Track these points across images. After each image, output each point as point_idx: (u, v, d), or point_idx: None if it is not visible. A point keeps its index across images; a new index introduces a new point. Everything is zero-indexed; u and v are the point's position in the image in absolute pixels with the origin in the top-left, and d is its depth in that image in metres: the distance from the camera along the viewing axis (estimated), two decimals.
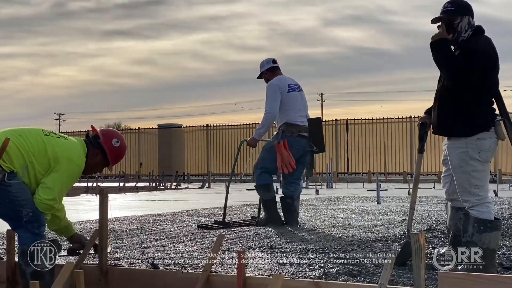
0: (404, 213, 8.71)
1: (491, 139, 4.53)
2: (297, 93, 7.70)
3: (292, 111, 7.59)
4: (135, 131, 33.04)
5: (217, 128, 30.58)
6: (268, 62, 7.84)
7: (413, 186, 5.11)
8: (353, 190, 16.33)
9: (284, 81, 7.67)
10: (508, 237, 6.20)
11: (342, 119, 27.70)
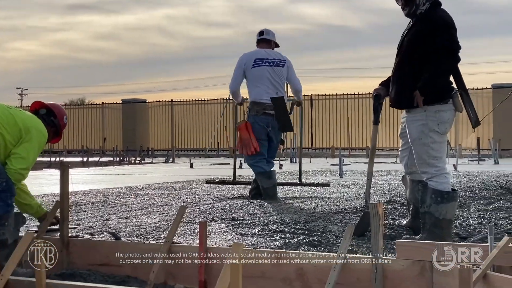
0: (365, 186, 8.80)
1: (449, 111, 4.60)
2: (266, 67, 7.40)
3: (258, 88, 7.39)
4: (99, 106, 32.74)
5: (182, 104, 30.45)
6: (258, 35, 7.65)
7: (370, 157, 5.17)
8: (317, 165, 16.46)
9: (252, 55, 7.46)
10: (465, 209, 6.33)
11: (307, 94, 27.78)
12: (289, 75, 7.57)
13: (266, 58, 7.46)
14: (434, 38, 4.49)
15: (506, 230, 5.19)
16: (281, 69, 7.48)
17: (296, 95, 7.91)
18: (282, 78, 7.51)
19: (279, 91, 7.48)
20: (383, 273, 3.38)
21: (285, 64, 7.52)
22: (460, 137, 23.00)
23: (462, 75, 4.66)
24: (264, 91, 7.39)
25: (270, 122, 7.39)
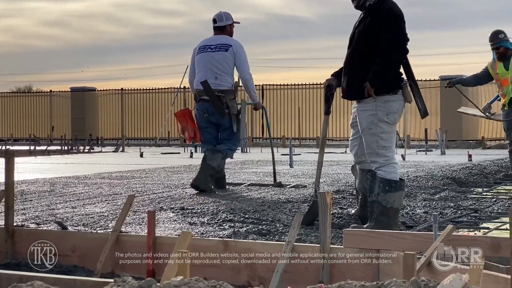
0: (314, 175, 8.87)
1: (399, 102, 4.67)
2: (207, 53, 7.15)
3: (198, 74, 7.19)
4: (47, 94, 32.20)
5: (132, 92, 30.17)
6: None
7: (320, 147, 5.21)
8: (267, 155, 16.49)
9: (201, 43, 7.29)
10: (412, 198, 6.44)
11: (258, 84, 27.80)
12: (236, 62, 7.18)
13: (210, 44, 7.22)
14: (383, 30, 4.54)
15: (450, 219, 5.30)
16: (223, 53, 7.12)
17: (244, 85, 7.39)
18: (224, 64, 7.13)
19: (220, 76, 7.10)
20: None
21: (229, 49, 7.14)
22: (409, 128, 23.35)
23: (412, 66, 4.73)
24: (201, 76, 7.13)
25: (206, 108, 7.11)
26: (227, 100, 7.09)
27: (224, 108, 7.07)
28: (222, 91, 7.09)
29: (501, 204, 6.16)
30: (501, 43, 8.50)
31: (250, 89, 7.35)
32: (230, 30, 7.35)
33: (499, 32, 8.53)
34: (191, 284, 1.66)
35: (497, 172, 9.30)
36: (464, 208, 5.90)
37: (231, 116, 7.12)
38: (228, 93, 7.13)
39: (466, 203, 6.20)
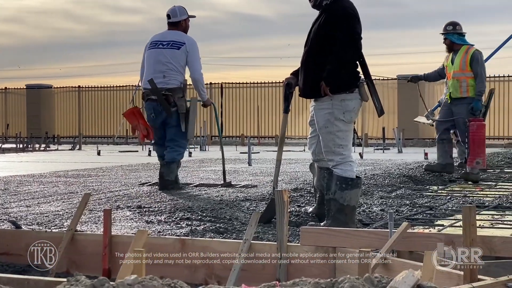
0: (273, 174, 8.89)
1: (355, 100, 4.70)
2: (157, 50, 6.94)
3: (146, 72, 7.00)
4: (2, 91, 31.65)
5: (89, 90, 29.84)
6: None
7: (279, 145, 5.22)
8: (226, 153, 16.44)
9: (153, 38, 7.08)
10: (369, 196, 6.49)
11: (217, 82, 27.75)
12: (188, 60, 6.96)
13: (162, 40, 7.00)
14: (336, 29, 4.57)
15: (406, 216, 5.36)
16: (174, 51, 6.89)
17: (194, 84, 7.12)
18: (175, 62, 6.88)
19: (168, 75, 6.89)
20: (287, 259, 3.42)
21: (181, 47, 6.92)
22: (367, 126, 23.57)
23: (369, 65, 4.77)
24: (150, 74, 6.93)
25: (154, 107, 6.92)
26: (175, 99, 6.90)
27: (172, 107, 6.88)
28: (170, 90, 6.89)
29: (455, 201, 6.24)
30: (447, 35, 8.51)
31: (200, 88, 7.17)
32: (185, 26, 7.14)
33: (448, 24, 8.53)
34: (145, 283, 1.65)
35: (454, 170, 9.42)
36: (420, 205, 5.97)
37: (179, 114, 6.94)
38: (176, 92, 6.94)
39: (421, 201, 6.28)
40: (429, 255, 2.51)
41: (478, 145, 8.07)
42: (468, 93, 8.39)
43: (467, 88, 8.38)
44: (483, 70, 8.41)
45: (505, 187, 7.56)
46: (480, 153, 8.08)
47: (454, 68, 8.43)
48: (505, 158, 12.06)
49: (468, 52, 8.41)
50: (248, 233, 3.50)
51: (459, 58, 8.39)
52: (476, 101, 8.32)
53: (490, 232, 4.53)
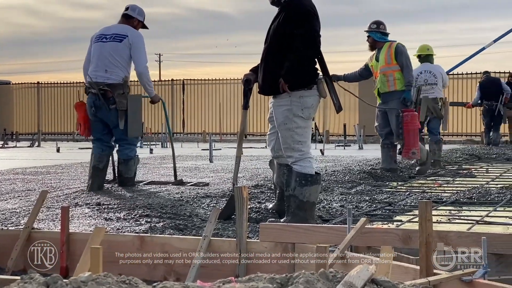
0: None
1: (313, 97, 4.73)
2: (102, 44, 6.72)
3: (91, 66, 6.76)
4: None
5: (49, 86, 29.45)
6: None
7: (238, 141, 5.22)
8: (188, 150, 16.44)
9: (99, 31, 6.86)
10: (329, 192, 6.53)
11: (178, 79, 27.66)
12: (132, 53, 6.71)
13: (106, 34, 6.79)
14: (295, 26, 4.59)
15: (366, 212, 5.40)
16: (116, 44, 6.68)
17: (139, 78, 6.87)
18: (117, 56, 6.67)
19: (110, 69, 6.65)
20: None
21: (124, 40, 6.70)
22: (328, 123, 23.71)
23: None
24: (92, 69, 6.68)
25: (94, 101, 6.69)
26: (114, 95, 6.66)
27: (111, 103, 6.66)
28: (110, 85, 6.66)
29: (414, 197, 6.32)
30: (370, 33, 8.47)
31: (145, 82, 6.91)
32: (137, 25, 6.95)
33: (373, 23, 8.47)
34: (99, 280, 1.63)
35: (412, 166, 9.54)
36: (379, 201, 6.03)
37: (118, 112, 6.68)
38: (117, 88, 6.69)
39: (381, 197, 6.34)
40: (385, 250, 2.53)
41: (413, 136, 8.07)
42: (395, 86, 8.32)
43: (394, 82, 8.34)
44: (408, 62, 8.40)
45: (463, 183, 7.67)
46: (415, 144, 8.10)
47: (380, 63, 8.36)
48: (463, 155, 12.24)
49: (391, 46, 8.37)
50: (208, 230, 3.49)
51: (384, 53, 8.36)
52: (407, 92, 8.25)
53: (447, 227, 4.60)
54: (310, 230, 3.46)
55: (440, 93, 10.11)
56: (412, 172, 8.95)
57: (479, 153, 12.56)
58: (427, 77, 10.03)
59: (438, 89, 10.04)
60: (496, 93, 15.66)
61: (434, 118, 10.03)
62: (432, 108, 9.84)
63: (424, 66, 10.16)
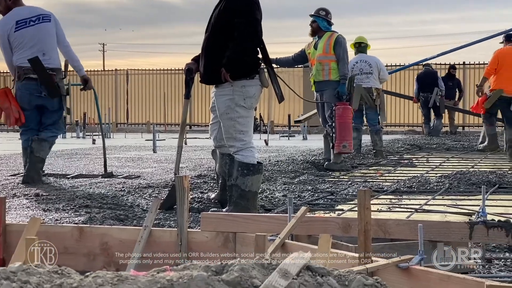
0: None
1: (256, 87, 4.73)
2: (29, 28, 6.33)
3: (21, 51, 6.34)
4: None
5: None
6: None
7: (180, 131, 5.19)
8: (132, 140, 16.28)
9: (12, 19, 6.37)
10: (272, 182, 6.55)
11: (123, 69, 27.34)
12: (58, 35, 6.46)
13: (29, 17, 6.38)
14: (236, 16, 4.58)
15: (308, 201, 5.44)
16: (47, 24, 6.38)
17: (67, 53, 6.54)
18: (51, 37, 6.40)
19: (48, 52, 6.37)
20: (187, 245, 3.40)
21: (51, 19, 6.43)
22: (273, 114, 23.80)
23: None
24: (26, 54, 6.29)
25: (33, 88, 6.35)
26: (57, 80, 6.41)
27: (54, 88, 6.35)
28: (53, 70, 6.38)
29: (356, 186, 6.39)
30: (317, 18, 8.41)
31: (74, 56, 6.60)
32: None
33: (321, 9, 8.44)
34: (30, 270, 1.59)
35: (354, 156, 9.65)
36: (321, 191, 6.08)
37: (61, 97, 6.44)
38: (58, 72, 6.47)
39: (323, 186, 6.39)
40: (324, 238, 2.55)
41: (345, 129, 8.10)
42: (330, 76, 8.33)
43: (329, 71, 8.37)
44: (345, 55, 8.44)
45: (404, 173, 7.80)
46: (347, 137, 8.16)
47: (318, 51, 8.35)
48: (405, 145, 12.44)
49: (332, 37, 8.39)
50: (148, 220, 3.46)
51: (323, 42, 8.37)
52: (342, 85, 8.26)
53: (387, 216, 4.66)
54: (251, 219, 3.46)
55: (375, 83, 10.20)
56: (355, 162, 9.05)
57: (420, 143, 12.79)
58: (362, 67, 10.15)
59: (374, 78, 10.14)
60: (431, 85, 15.98)
61: (370, 108, 10.15)
62: (365, 97, 9.93)
63: (359, 56, 10.28)
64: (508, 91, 10.03)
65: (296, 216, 3.19)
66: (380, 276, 2.55)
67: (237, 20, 4.56)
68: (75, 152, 10.86)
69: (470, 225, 3.14)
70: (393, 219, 3.41)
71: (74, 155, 10.21)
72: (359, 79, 9.81)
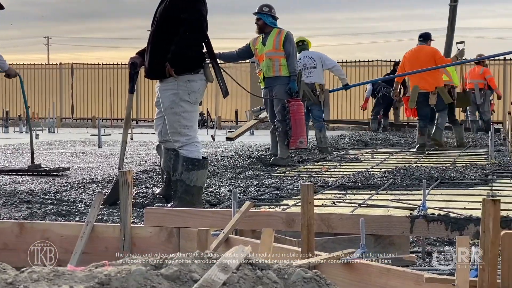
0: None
1: (200, 81, 4.71)
2: None
3: None
4: None
5: None
6: None
7: (124, 125, 5.14)
8: (77, 135, 16.05)
9: None
10: (218, 177, 6.54)
11: (67, 63, 26.92)
12: None
13: None
14: (181, 11, 4.55)
15: (253, 196, 5.45)
16: None
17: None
18: None
19: None
20: (131, 240, 3.37)
21: None
22: (220, 109, 23.77)
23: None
24: None
25: None
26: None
27: None
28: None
29: (302, 181, 6.43)
30: (262, 15, 8.41)
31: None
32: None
33: (264, 5, 8.44)
34: None
35: (300, 152, 9.70)
36: (267, 186, 6.10)
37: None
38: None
39: (269, 181, 6.41)
40: (266, 233, 2.56)
41: (300, 125, 8.17)
42: (280, 72, 8.34)
43: (279, 67, 8.39)
44: (295, 51, 8.49)
45: (349, 168, 7.88)
46: (302, 133, 8.24)
47: (267, 48, 8.35)
48: (351, 140, 12.58)
49: (281, 33, 8.42)
50: (91, 215, 3.42)
51: (272, 38, 8.37)
52: (292, 82, 8.29)
53: (332, 211, 4.70)
54: (195, 214, 3.45)
55: (319, 79, 10.27)
56: (301, 157, 9.10)
57: (365, 139, 12.95)
58: (306, 62, 10.23)
59: (318, 73, 10.21)
60: (379, 84, 16.37)
61: (314, 105, 10.20)
62: (308, 93, 10.00)
63: (303, 53, 10.37)
64: (422, 87, 10.18)
65: (240, 211, 3.19)
66: (322, 270, 2.58)
67: (182, 15, 4.54)
68: (17, 147, 10.64)
69: (411, 219, 3.20)
70: (337, 214, 3.44)
71: (17, 150, 10.02)
72: (302, 74, 9.90)
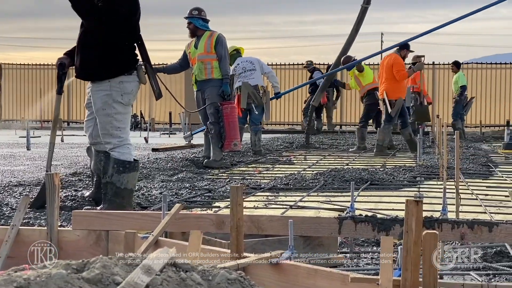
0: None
1: (133, 83, 4.66)
2: None
3: None
4: None
5: None
6: None
7: (52, 127, 5.04)
8: (4, 137, 15.65)
9: None
10: (150, 180, 6.48)
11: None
12: None
13: None
14: (115, 11, 4.49)
15: (185, 199, 5.43)
16: None
17: None
18: None
19: None
20: (58, 244, 3.31)
21: None
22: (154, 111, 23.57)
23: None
24: None
25: None
26: None
27: None
28: None
29: (234, 184, 6.43)
30: (192, 19, 8.39)
31: None
32: None
33: (194, 9, 8.43)
34: None
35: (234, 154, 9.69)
36: (199, 188, 6.08)
37: None
38: None
39: (201, 184, 6.39)
40: (194, 234, 2.55)
41: (234, 128, 8.20)
42: (212, 74, 8.32)
43: (211, 70, 8.38)
44: (226, 53, 8.50)
45: (282, 170, 7.93)
46: (236, 135, 8.27)
47: (199, 51, 8.35)
48: (284, 143, 12.66)
49: (212, 35, 8.42)
50: (16, 219, 3.34)
51: (204, 41, 8.37)
52: (225, 85, 8.29)
53: (263, 212, 4.72)
54: (123, 216, 3.41)
55: (260, 81, 10.35)
56: (234, 160, 9.11)
57: (299, 142, 13.05)
58: (245, 65, 10.27)
59: (258, 75, 10.27)
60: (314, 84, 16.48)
61: (258, 107, 10.24)
62: (252, 94, 10.04)
63: (240, 59, 10.39)
64: (390, 96, 10.31)
65: (170, 213, 3.17)
66: (251, 271, 2.58)
67: (113, 16, 4.48)
68: None
69: (339, 220, 3.24)
70: (266, 216, 3.46)
71: None
72: (243, 76, 9.94)
